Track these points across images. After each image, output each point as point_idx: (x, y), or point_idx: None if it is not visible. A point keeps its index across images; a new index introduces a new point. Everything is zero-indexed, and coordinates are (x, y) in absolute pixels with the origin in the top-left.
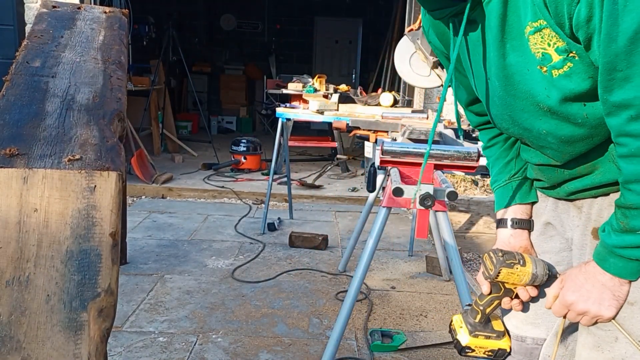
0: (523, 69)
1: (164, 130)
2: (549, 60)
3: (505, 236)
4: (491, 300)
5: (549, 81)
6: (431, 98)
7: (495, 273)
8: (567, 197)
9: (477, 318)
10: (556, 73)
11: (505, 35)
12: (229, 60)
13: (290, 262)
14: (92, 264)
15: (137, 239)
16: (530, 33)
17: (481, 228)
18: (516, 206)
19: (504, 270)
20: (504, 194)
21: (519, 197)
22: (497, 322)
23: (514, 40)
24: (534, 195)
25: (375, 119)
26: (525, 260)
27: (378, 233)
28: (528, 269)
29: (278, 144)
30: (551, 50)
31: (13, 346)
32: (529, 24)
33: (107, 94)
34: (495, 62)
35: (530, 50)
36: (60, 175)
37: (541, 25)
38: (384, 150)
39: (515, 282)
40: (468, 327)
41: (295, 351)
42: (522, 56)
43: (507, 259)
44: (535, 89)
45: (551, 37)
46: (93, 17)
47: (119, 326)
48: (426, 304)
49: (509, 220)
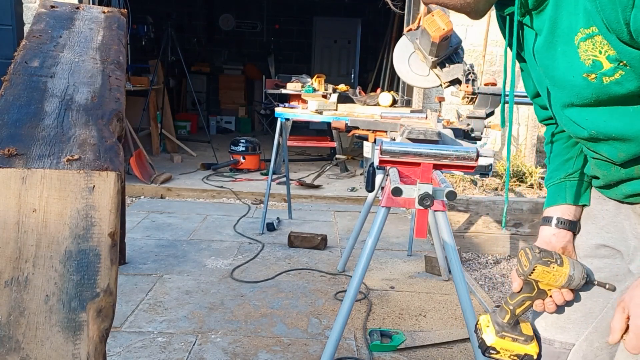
0: (568, 75)
1: (162, 130)
2: (600, 67)
3: (547, 234)
4: (522, 300)
5: (596, 87)
6: (430, 98)
7: (530, 269)
8: (626, 200)
9: (506, 318)
10: (607, 80)
11: (555, 39)
12: (227, 60)
13: (290, 262)
14: (91, 264)
15: (136, 239)
16: (582, 40)
17: (480, 228)
18: (565, 206)
19: (540, 267)
20: (555, 191)
21: (570, 197)
22: (526, 325)
23: (564, 45)
24: (586, 199)
25: (374, 119)
26: (563, 260)
27: (377, 233)
28: (565, 269)
29: (277, 143)
30: (602, 58)
31: (12, 346)
32: (581, 30)
33: (106, 94)
34: (545, 62)
35: (579, 57)
36: (59, 175)
37: (593, 32)
38: (382, 150)
39: (550, 282)
40: (495, 326)
41: (294, 351)
42: (569, 62)
43: (543, 256)
44: (582, 93)
45: (602, 45)
46: (92, 17)
47: (118, 326)
48: (425, 304)
49: (554, 218)
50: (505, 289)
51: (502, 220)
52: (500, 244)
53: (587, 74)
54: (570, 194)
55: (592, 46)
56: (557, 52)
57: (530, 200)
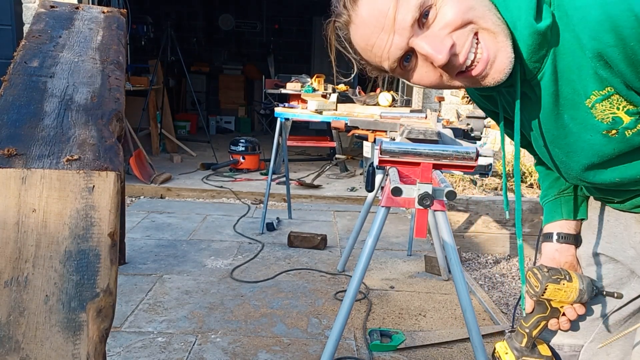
0: (585, 136)
1: (162, 130)
2: (620, 122)
3: (550, 251)
4: (537, 321)
5: (619, 141)
6: (430, 98)
7: (542, 290)
8: (631, 210)
9: (524, 342)
10: (629, 133)
11: (560, 108)
12: (227, 60)
13: (289, 262)
14: (91, 264)
15: (136, 239)
16: (597, 101)
17: (480, 227)
18: (563, 221)
19: (551, 286)
20: (551, 208)
21: (566, 212)
22: (543, 346)
23: (571, 110)
24: (584, 213)
25: (374, 119)
26: (572, 275)
27: (377, 233)
28: (575, 284)
29: (277, 143)
30: (621, 113)
31: (12, 346)
32: (595, 92)
33: (106, 94)
34: (552, 132)
35: (594, 117)
36: (58, 175)
37: (609, 92)
38: (382, 150)
39: (562, 299)
40: (514, 352)
41: (294, 351)
42: (582, 124)
43: (552, 274)
44: (603, 150)
45: (620, 102)
46: (91, 17)
47: (117, 326)
48: (425, 304)
49: (554, 234)
50: (505, 288)
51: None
52: (500, 244)
53: (607, 130)
54: (567, 210)
55: (609, 105)
56: (565, 119)
57: (530, 200)
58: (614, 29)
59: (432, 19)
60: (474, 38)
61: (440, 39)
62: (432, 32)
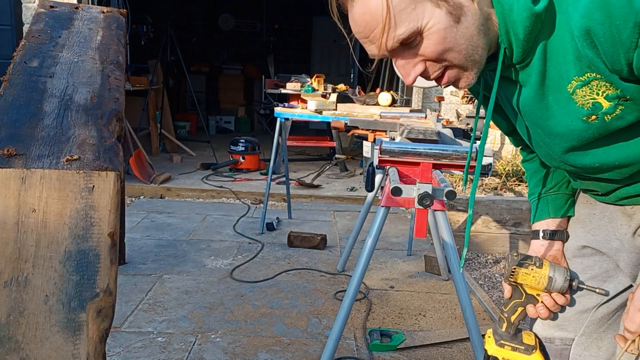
0: (566, 120)
1: (162, 130)
2: (600, 108)
3: (536, 246)
4: (514, 306)
5: (598, 127)
6: (429, 97)
7: (509, 272)
8: (617, 202)
9: (504, 327)
10: (608, 117)
11: (546, 89)
12: (227, 60)
13: (289, 261)
14: (91, 264)
15: (136, 239)
16: (578, 87)
17: (480, 227)
18: (550, 220)
19: (518, 270)
20: (538, 207)
21: (552, 211)
22: (528, 335)
23: (556, 93)
24: (571, 210)
25: (374, 119)
26: (543, 263)
27: (377, 232)
28: (544, 271)
29: (276, 143)
30: (601, 99)
31: (12, 347)
32: (575, 78)
33: (105, 94)
34: (535, 112)
35: (575, 103)
36: (58, 175)
37: (589, 78)
38: (382, 150)
39: (532, 285)
40: (495, 337)
41: (294, 351)
42: (564, 108)
43: (521, 259)
44: (583, 135)
45: (600, 87)
46: (91, 17)
47: (117, 326)
48: (425, 304)
49: (540, 231)
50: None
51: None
52: (499, 244)
53: (587, 116)
54: (553, 208)
55: (589, 91)
56: (549, 101)
57: None
58: (604, 7)
59: (414, 43)
60: (443, 69)
61: (413, 64)
62: (409, 54)
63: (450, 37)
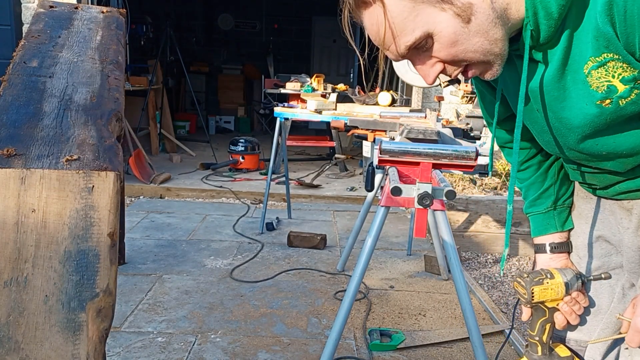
0: (581, 102)
1: (161, 130)
2: (615, 91)
3: (544, 261)
4: (542, 326)
5: (612, 112)
6: (429, 97)
7: (530, 295)
8: (614, 197)
9: (539, 351)
10: (623, 102)
11: (567, 68)
12: (226, 60)
13: (289, 261)
14: (91, 264)
15: (136, 239)
16: (593, 68)
17: (479, 227)
18: (556, 233)
19: (536, 288)
20: (543, 221)
21: (559, 224)
22: (560, 348)
23: (574, 73)
24: (571, 222)
25: (374, 118)
26: (553, 272)
27: (376, 232)
28: (558, 279)
29: (276, 143)
30: (616, 82)
31: (11, 347)
32: (591, 59)
33: (105, 94)
34: (552, 93)
35: (590, 86)
36: (58, 175)
37: (605, 59)
38: (382, 150)
39: (553, 297)
40: None
41: (294, 351)
42: (580, 90)
43: (534, 277)
44: (595, 121)
45: (616, 69)
46: (90, 17)
47: (117, 326)
48: (425, 303)
49: (547, 245)
50: (505, 288)
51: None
52: (499, 243)
53: (601, 100)
54: (560, 222)
55: (605, 72)
56: (567, 81)
57: None
58: None
59: (427, 46)
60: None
61: (431, 65)
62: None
63: (461, 38)
